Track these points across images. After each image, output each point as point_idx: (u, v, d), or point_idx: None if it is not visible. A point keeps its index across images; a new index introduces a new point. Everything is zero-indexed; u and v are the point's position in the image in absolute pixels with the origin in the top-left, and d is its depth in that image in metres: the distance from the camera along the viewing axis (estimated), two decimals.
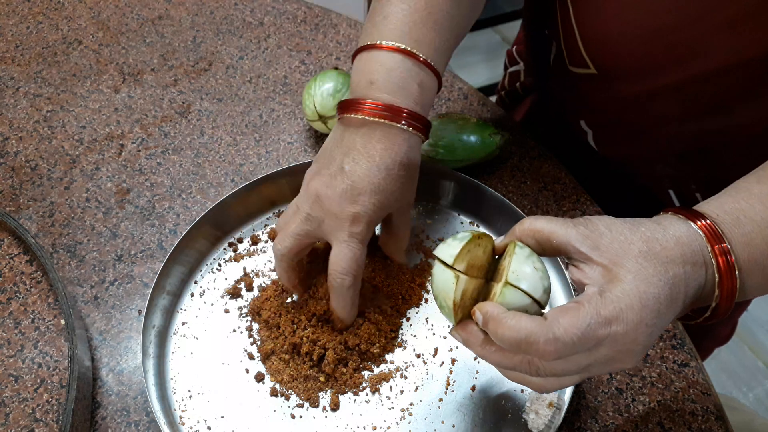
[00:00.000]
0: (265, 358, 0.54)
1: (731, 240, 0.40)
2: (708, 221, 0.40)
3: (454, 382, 0.53)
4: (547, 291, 0.42)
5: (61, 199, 0.66)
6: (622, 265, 0.38)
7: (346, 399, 0.52)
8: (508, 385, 0.53)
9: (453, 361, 0.54)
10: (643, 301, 0.37)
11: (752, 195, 0.41)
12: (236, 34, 0.84)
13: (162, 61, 0.80)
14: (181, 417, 0.51)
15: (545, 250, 0.42)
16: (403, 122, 0.49)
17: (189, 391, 0.52)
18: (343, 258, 0.49)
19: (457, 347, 0.55)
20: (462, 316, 0.43)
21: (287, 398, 0.52)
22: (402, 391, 0.52)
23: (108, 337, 0.56)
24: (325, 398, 0.52)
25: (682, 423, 0.52)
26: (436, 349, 0.55)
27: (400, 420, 0.51)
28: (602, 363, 0.39)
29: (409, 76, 0.50)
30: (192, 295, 0.58)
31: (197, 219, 0.59)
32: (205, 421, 0.51)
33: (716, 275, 0.39)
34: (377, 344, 0.53)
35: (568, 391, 0.51)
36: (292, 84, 0.78)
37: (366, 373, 0.53)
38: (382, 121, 0.49)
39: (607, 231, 0.40)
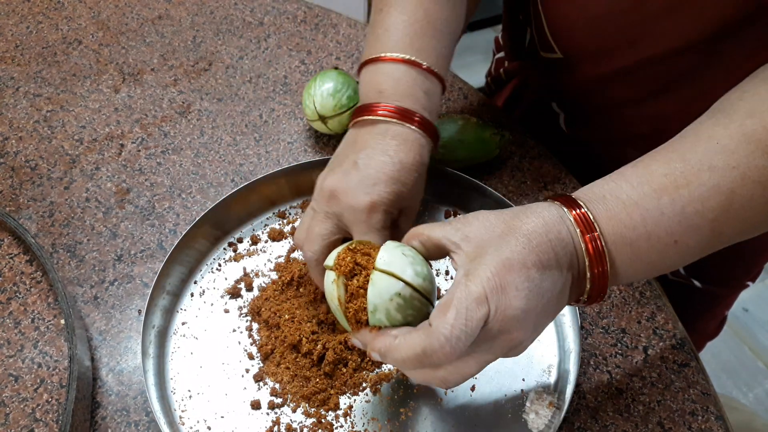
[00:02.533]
0: (264, 358, 0.54)
1: (595, 214, 0.41)
2: (579, 209, 0.41)
3: None
4: (423, 276, 0.43)
5: (61, 199, 0.66)
6: (484, 247, 0.40)
7: (345, 399, 0.52)
8: (508, 385, 0.53)
9: None
10: (507, 267, 0.39)
11: (622, 177, 0.43)
12: (236, 33, 0.84)
13: (162, 61, 0.80)
14: (180, 417, 0.51)
15: (430, 251, 0.44)
16: (416, 125, 0.50)
17: (189, 390, 0.52)
18: None
19: None
20: (353, 315, 0.43)
21: (287, 398, 0.52)
22: (402, 391, 0.52)
23: (108, 337, 0.56)
24: (325, 398, 0.52)
25: (682, 423, 0.52)
26: None
27: (400, 420, 0.51)
28: (491, 337, 0.40)
29: (415, 84, 0.51)
30: (192, 295, 0.58)
31: (197, 219, 0.59)
32: (205, 420, 0.51)
33: (582, 243, 0.41)
34: None
35: (569, 392, 0.51)
36: (292, 84, 0.78)
37: (366, 373, 0.53)
38: (396, 120, 0.50)
39: (475, 221, 0.42)
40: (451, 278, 0.59)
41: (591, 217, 0.41)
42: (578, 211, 0.41)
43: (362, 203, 0.48)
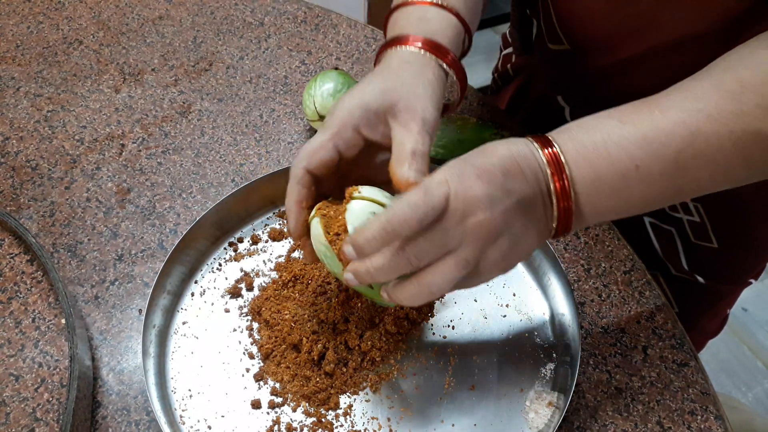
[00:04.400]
0: (265, 358, 0.54)
1: (558, 142, 0.43)
2: (551, 148, 0.43)
3: (453, 381, 0.53)
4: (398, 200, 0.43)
5: (62, 198, 0.66)
6: (451, 164, 0.42)
7: (346, 398, 0.52)
8: (508, 384, 0.53)
9: (453, 360, 0.54)
10: (470, 164, 0.41)
11: (592, 116, 0.44)
12: (237, 34, 0.84)
13: (162, 61, 0.80)
14: (181, 416, 0.51)
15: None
16: (422, 47, 0.49)
17: (189, 390, 0.52)
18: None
19: (457, 347, 0.55)
20: (339, 250, 0.44)
21: (287, 398, 0.52)
22: (402, 391, 0.53)
23: (108, 337, 0.56)
24: (325, 398, 0.52)
25: (681, 422, 0.52)
26: (435, 349, 0.55)
27: (400, 420, 0.51)
28: (460, 234, 0.40)
29: (439, 18, 0.51)
30: (192, 294, 0.58)
31: (198, 219, 0.59)
32: (206, 420, 0.51)
33: (547, 168, 0.42)
34: (379, 352, 0.53)
35: (568, 391, 0.51)
36: (293, 84, 0.78)
37: (366, 373, 0.53)
38: (417, 48, 0.49)
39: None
40: None
41: (551, 138, 0.43)
42: (548, 149, 0.43)
43: (336, 107, 0.47)
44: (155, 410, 0.48)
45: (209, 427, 0.50)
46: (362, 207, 0.44)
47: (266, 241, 0.62)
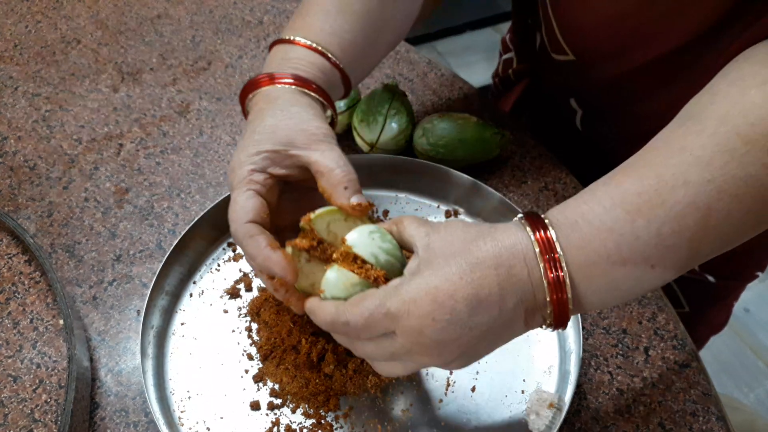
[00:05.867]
0: (264, 359, 0.54)
1: (566, 246, 0.39)
2: (547, 233, 0.40)
3: (454, 383, 0.53)
4: (387, 252, 0.44)
5: (60, 198, 0.65)
6: (430, 262, 0.40)
7: (345, 399, 0.52)
8: (509, 386, 0.53)
9: None
10: (432, 296, 0.38)
11: (595, 197, 0.40)
12: (235, 33, 0.84)
13: (161, 61, 0.80)
14: (180, 418, 0.50)
15: (402, 242, 0.45)
16: (288, 81, 0.49)
17: (188, 391, 0.52)
18: (236, 210, 0.46)
19: None
20: (308, 285, 0.45)
21: (286, 399, 0.52)
22: (402, 392, 0.52)
23: (107, 338, 0.56)
24: (324, 399, 0.52)
25: (683, 424, 0.52)
26: None
27: (400, 420, 0.51)
28: (405, 353, 0.41)
29: (291, 57, 0.51)
30: (191, 295, 0.58)
31: (196, 219, 0.58)
32: (204, 421, 0.50)
33: (544, 281, 0.39)
34: None
35: (569, 392, 0.50)
36: None
37: (366, 374, 0.53)
38: (283, 83, 0.49)
39: (443, 230, 0.41)
40: None
41: (554, 239, 0.39)
42: (543, 234, 0.39)
43: (234, 165, 0.47)
44: (154, 411, 0.48)
45: (208, 429, 0.50)
46: (336, 277, 0.43)
47: None
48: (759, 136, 0.38)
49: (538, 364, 0.54)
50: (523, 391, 0.52)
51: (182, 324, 0.56)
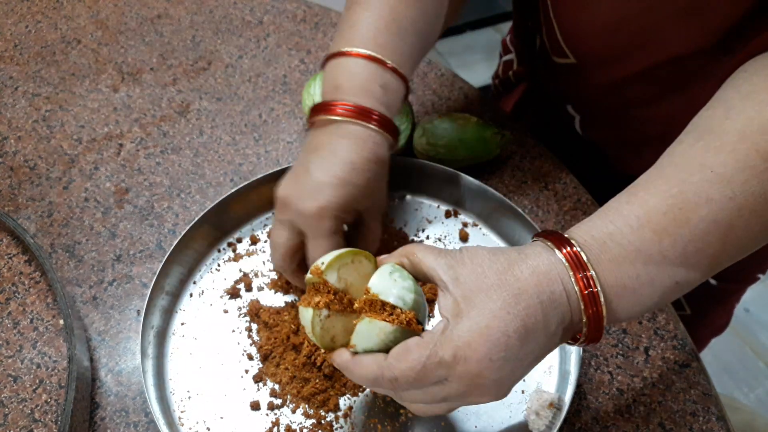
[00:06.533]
0: (264, 359, 0.53)
1: (597, 266, 0.40)
2: (573, 249, 0.40)
3: None
4: (410, 290, 0.42)
5: (60, 198, 0.65)
6: (471, 299, 0.39)
7: (345, 399, 0.52)
8: None
9: None
10: (485, 337, 0.38)
11: (621, 217, 0.41)
12: (235, 33, 0.84)
13: (161, 61, 0.80)
14: (180, 418, 0.50)
15: (417, 274, 0.44)
16: (373, 123, 0.50)
17: (188, 391, 0.52)
18: (316, 256, 0.49)
19: None
20: (329, 340, 0.44)
21: (286, 399, 0.52)
22: None
23: (107, 338, 0.56)
24: (324, 399, 0.52)
25: (683, 424, 0.52)
26: None
27: (400, 420, 0.51)
28: (458, 396, 0.40)
29: (372, 79, 0.51)
30: (191, 295, 0.58)
31: (196, 219, 0.58)
32: (205, 421, 0.50)
33: (580, 303, 0.39)
34: None
35: (569, 392, 0.50)
36: (292, 83, 0.77)
37: None
38: (351, 120, 0.50)
39: (469, 262, 0.41)
40: None
41: (585, 260, 0.39)
42: (583, 274, 0.39)
43: (309, 209, 0.48)
44: (154, 411, 0.48)
45: (208, 429, 0.50)
46: (368, 329, 0.42)
47: (265, 242, 0.62)
48: None
49: (538, 365, 0.54)
50: (523, 391, 0.52)
51: (182, 324, 0.56)
